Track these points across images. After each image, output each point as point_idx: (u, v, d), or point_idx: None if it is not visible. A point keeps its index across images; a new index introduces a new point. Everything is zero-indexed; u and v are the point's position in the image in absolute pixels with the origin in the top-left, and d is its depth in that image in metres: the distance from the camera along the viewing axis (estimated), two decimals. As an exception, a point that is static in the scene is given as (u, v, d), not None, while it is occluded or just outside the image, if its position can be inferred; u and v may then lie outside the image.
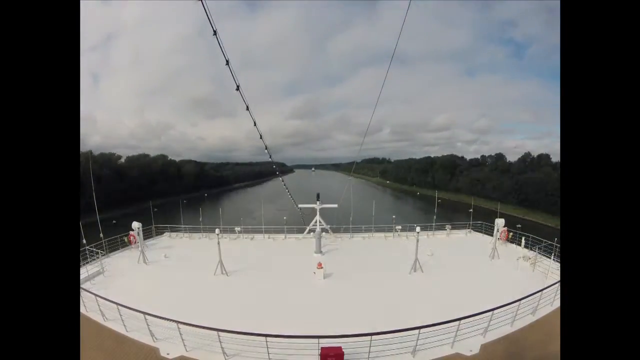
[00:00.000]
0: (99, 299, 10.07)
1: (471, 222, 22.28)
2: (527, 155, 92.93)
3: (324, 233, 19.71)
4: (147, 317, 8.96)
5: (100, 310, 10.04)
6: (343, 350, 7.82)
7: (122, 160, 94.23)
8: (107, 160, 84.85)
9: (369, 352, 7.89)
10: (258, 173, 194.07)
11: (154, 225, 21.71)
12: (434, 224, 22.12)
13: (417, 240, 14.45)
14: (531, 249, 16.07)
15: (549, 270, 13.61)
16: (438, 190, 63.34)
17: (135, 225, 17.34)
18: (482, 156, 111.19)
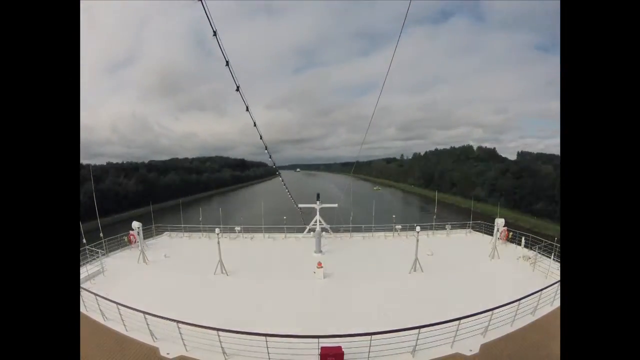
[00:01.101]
0: (99, 298, 10.07)
1: (471, 222, 22.29)
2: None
3: (323, 232, 19.72)
4: (147, 316, 8.96)
5: (100, 310, 10.04)
6: (343, 350, 7.83)
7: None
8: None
9: (369, 352, 7.89)
10: (237, 177, 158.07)
11: (154, 225, 21.71)
12: (433, 223, 22.12)
13: (417, 240, 14.45)
14: (531, 249, 16.08)
15: (549, 270, 13.61)
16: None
17: (135, 224, 17.35)
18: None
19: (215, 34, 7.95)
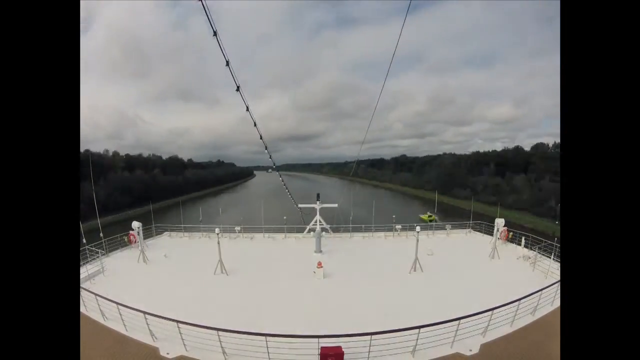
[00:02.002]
0: (99, 298, 10.07)
1: (471, 222, 22.30)
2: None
3: (324, 232, 19.73)
4: (147, 316, 8.96)
5: (100, 310, 10.04)
6: (343, 350, 7.82)
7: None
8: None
9: (369, 351, 7.89)
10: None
11: (154, 225, 21.71)
12: (434, 223, 22.12)
13: (417, 240, 14.45)
14: (531, 249, 16.09)
15: (549, 270, 13.61)
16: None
17: (135, 224, 17.37)
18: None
19: (215, 34, 7.95)
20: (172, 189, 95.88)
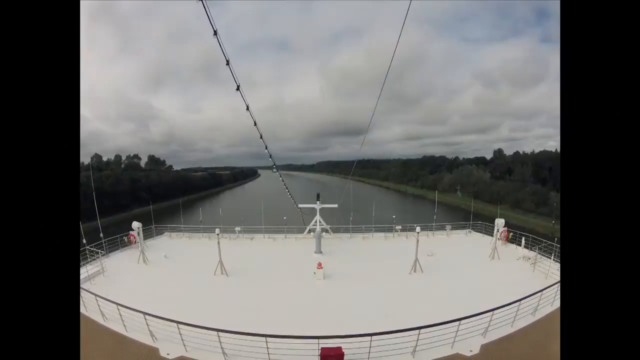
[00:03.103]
0: (99, 299, 10.07)
1: (471, 222, 22.27)
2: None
3: (324, 233, 19.71)
4: (147, 317, 8.96)
5: (100, 310, 10.03)
6: (343, 351, 7.82)
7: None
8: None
9: (369, 352, 7.89)
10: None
11: (154, 225, 21.69)
12: (434, 224, 22.10)
13: (417, 241, 14.44)
14: (531, 249, 16.08)
15: (549, 270, 13.60)
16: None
17: (135, 225, 17.33)
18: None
19: (215, 33, 7.96)
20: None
